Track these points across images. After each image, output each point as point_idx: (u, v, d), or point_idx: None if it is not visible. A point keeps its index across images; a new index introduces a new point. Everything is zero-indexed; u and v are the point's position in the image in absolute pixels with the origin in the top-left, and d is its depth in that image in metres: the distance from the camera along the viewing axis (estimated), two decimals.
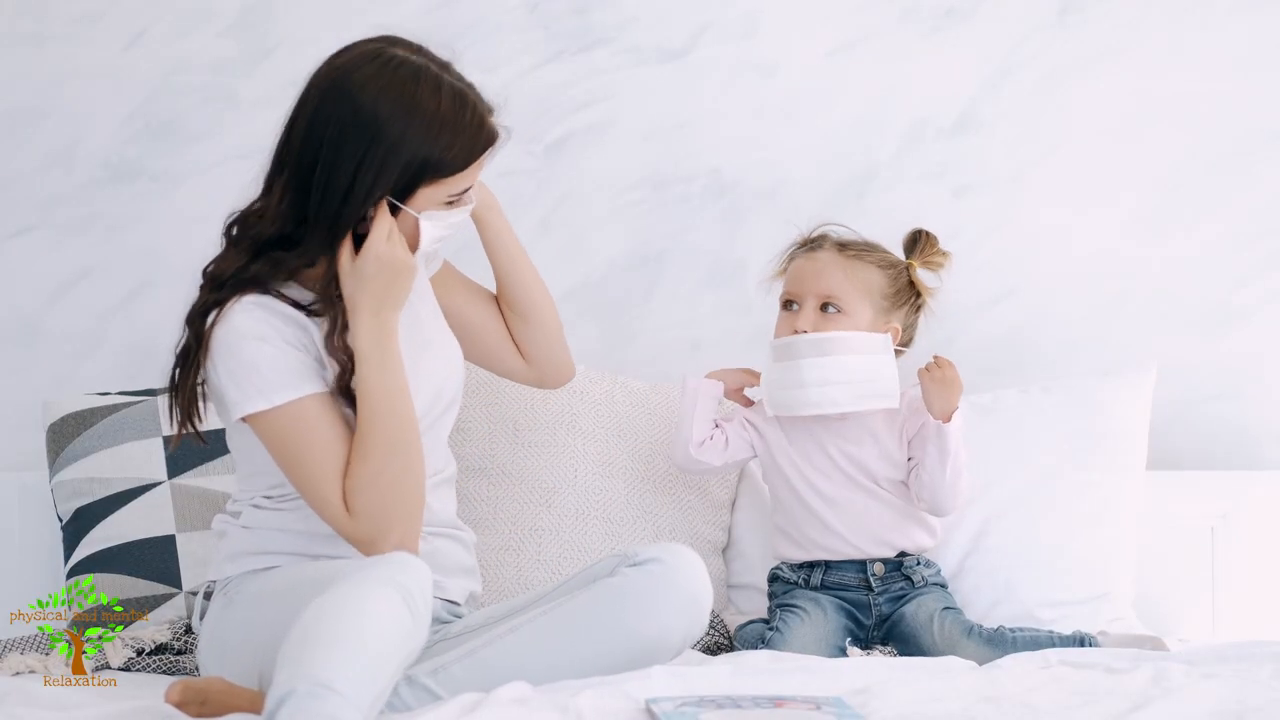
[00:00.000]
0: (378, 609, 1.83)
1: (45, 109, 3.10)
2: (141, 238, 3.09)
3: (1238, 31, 3.06)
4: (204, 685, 1.97)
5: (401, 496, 2.14)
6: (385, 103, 2.13)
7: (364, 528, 2.12)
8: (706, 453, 2.63)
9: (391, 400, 2.15)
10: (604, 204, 3.12)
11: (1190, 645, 2.54)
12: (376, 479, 2.12)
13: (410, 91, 2.15)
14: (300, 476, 2.14)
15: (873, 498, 2.58)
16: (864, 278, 2.57)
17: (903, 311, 2.60)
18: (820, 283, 2.57)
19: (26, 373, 3.06)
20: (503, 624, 2.11)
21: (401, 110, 2.13)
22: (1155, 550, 2.84)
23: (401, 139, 2.13)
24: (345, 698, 1.71)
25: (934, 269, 2.64)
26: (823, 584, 2.58)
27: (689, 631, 2.11)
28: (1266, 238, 3.05)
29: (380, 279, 2.15)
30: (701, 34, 3.12)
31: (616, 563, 2.13)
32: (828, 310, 2.56)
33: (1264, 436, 3.03)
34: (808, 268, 2.61)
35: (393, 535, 2.12)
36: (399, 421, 2.15)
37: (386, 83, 2.15)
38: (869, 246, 2.62)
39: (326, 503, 2.13)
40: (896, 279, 2.59)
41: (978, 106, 3.09)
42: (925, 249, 2.63)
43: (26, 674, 2.37)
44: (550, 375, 2.53)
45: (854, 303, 2.56)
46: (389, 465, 2.13)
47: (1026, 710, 1.85)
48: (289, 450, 2.14)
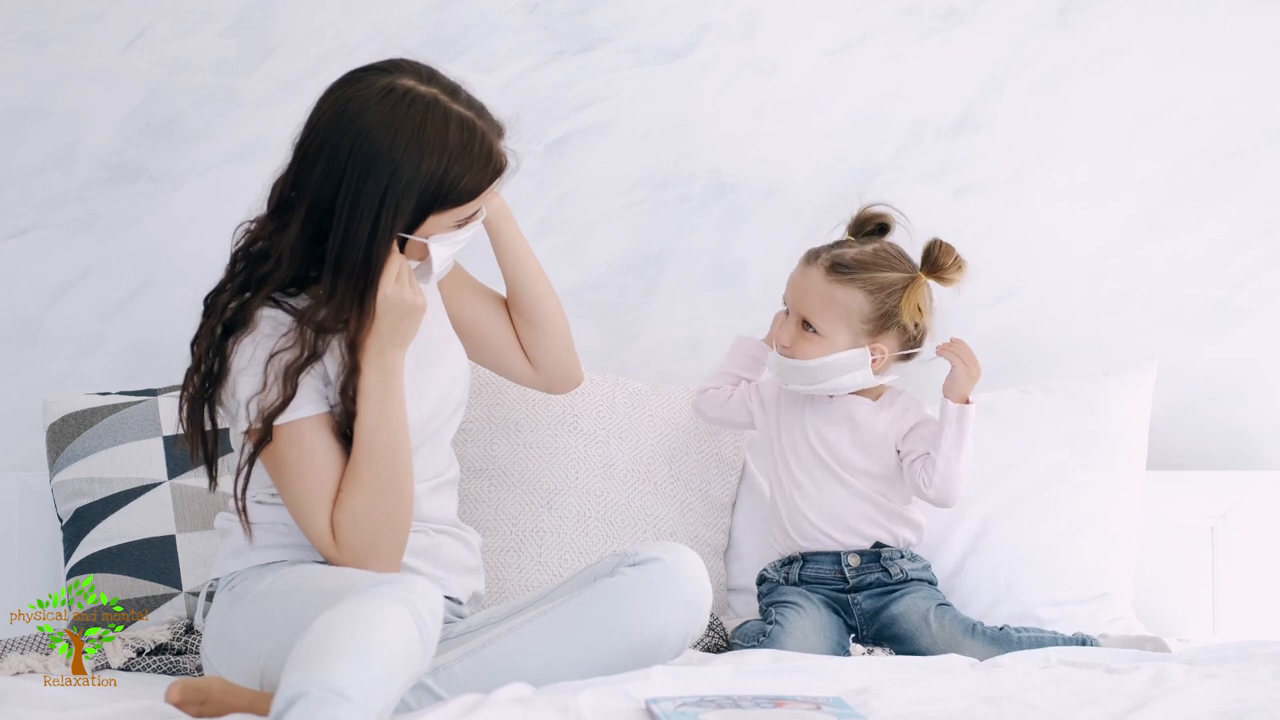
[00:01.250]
0: (390, 625, 1.84)
1: (45, 109, 3.09)
2: (141, 238, 3.09)
3: (1238, 31, 3.06)
4: (203, 685, 1.97)
5: (388, 533, 2.17)
6: (400, 142, 2.12)
7: (347, 558, 2.16)
8: (705, 400, 2.73)
9: (389, 438, 2.17)
10: (604, 204, 3.12)
11: (1190, 645, 2.54)
12: (367, 514, 2.16)
13: (421, 127, 2.13)
14: (291, 496, 2.17)
15: (842, 485, 2.59)
16: (844, 302, 2.55)
17: (893, 332, 2.57)
18: (801, 302, 2.59)
19: (26, 373, 3.06)
20: (503, 624, 2.11)
21: (415, 148, 2.13)
22: (1155, 550, 2.85)
23: (415, 175, 2.13)
24: (357, 706, 1.71)
25: (948, 283, 2.59)
26: (801, 578, 2.59)
27: (688, 631, 2.12)
28: (1266, 238, 3.05)
29: (387, 319, 2.16)
30: (701, 34, 3.12)
31: (616, 562, 2.14)
32: (806, 328, 2.57)
33: (1264, 436, 3.03)
34: (799, 281, 2.61)
35: (373, 565, 2.17)
36: (394, 460, 2.17)
37: (401, 121, 2.13)
38: (866, 264, 2.56)
39: (314, 526, 2.16)
40: (884, 302, 2.55)
41: (978, 106, 3.09)
42: (938, 262, 2.57)
43: (26, 674, 2.37)
44: (558, 381, 2.54)
45: (829, 326, 2.56)
46: (380, 503, 2.16)
47: (1026, 710, 1.85)
48: (283, 469, 2.17)
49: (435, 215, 2.17)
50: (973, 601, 2.68)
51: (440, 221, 2.19)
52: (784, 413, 2.65)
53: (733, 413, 2.71)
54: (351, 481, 2.16)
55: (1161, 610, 2.85)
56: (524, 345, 2.49)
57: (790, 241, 3.05)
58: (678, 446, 2.82)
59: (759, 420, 2.68)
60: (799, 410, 2.64)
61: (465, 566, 2.35)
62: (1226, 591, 2.86)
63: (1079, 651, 2.27)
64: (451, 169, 2.15)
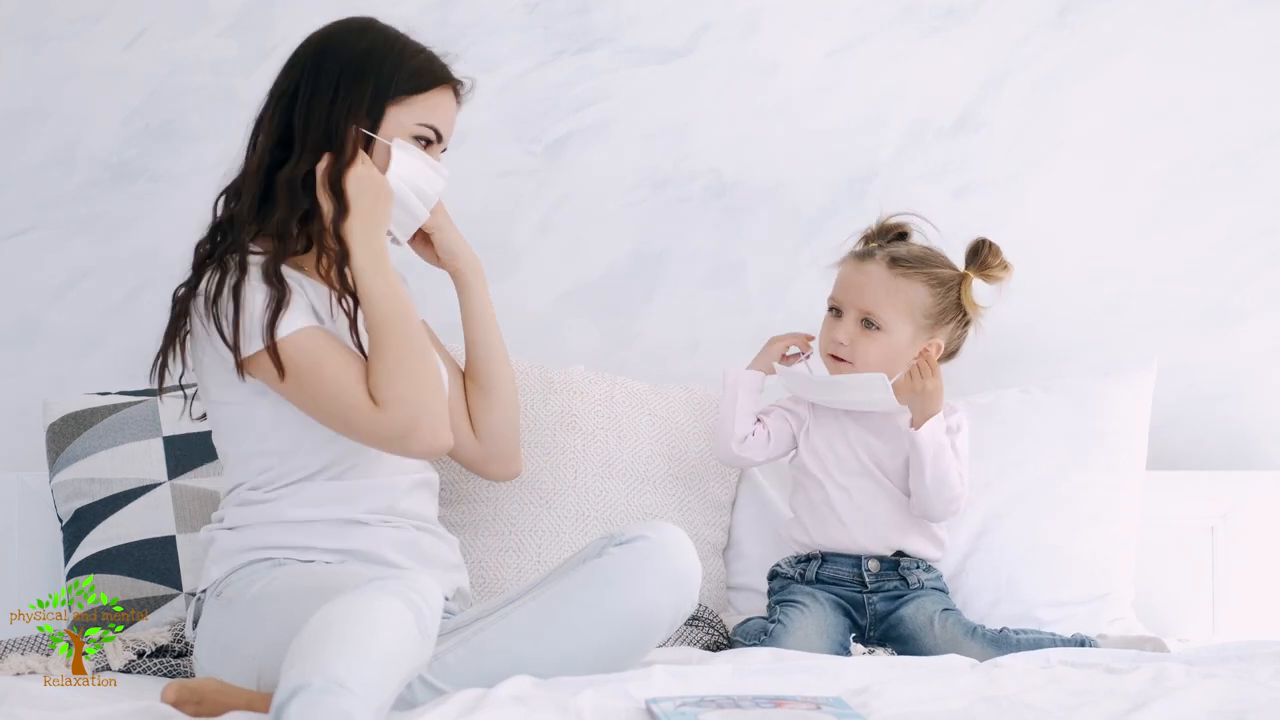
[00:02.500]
0: (389, 618, 1.84)
1: (45, 109, 3.10)
2: (141, 238, 3.09)
3: (1238, 31, 3.06)
4: (199, 685, 1.98)
5: (425, 383, 2.20)
6: (352, 37, 2.31)
7: (396, 416, 2.17)
8: (750, 449, 2.64)
9: (398, 305, 2.22)
10: (604, 204, 3.12)
11: (1190, 645, 2.54)
12: (400, 366, 2.19)
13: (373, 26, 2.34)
14: (323, 395, 2.19)
15: (881, 489, 2.59)
16: (908, 295, 2.56)
17: (949, 327, 2.59)
18: (863, 297, 2.57)
19: (26, 373, 3.06)
20: (495, 613, 2.13)
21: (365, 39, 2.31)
22: (1155, 550, 2.85)
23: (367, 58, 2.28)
24: (358, 697, 1.71)
25: (993, 281, 2.60)
26: (818, 578, 2.58)
27: (679, 606, 2.12)
28: (1266, 238, 3.05)
29: (364, 199, 2.24)
30: (701, 34, 3.12)
31: (604, 544, 2.15)
32: (868, 325, 2.56)
33: (1264, 436, 3.03)
34: (855, 278, 2.60)
35: (423, 425, 2.18)
36: (408, 323, 2.22)
37: (353, 25, 2.34)
38: (923, 259, 2.58)
39: (354, 409, 2.18)
40: (945, 296, 2.57)
41: (978, 106, 3.09)
42: (986, 261, 2.59)
43: (27, 674, 2.37)
44: (497, 460, 2.52)
45: (894, 320, 2.56)
46: (408, 354, 2.20)
47: (1026, 710, 1.85)
48: (305, 375, 2.19)
49: (393, 107, 2.28)
50: (974, 601, 2.68)
51: (399, 118, 2.29)
52: (822, 422, 2.64)
53: (779, 446, 2.66)
54: (376, 350, 2.20)
55: (1161, 610, 2.85)
56: (471, 412, 2.50)
57: (790, 241, 3.06)
58: (677, 446, 2.82)
59: (802, 442, 2.66)
60: (835, 416, 2.63)
61: (447, 563, 2.36)
62: (1226, 591, 2.86)
63: (1079, 651, 2.27)
64: (401, 56, 2.30)
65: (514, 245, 3.08)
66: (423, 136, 2.31)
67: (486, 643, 2.05)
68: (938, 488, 2.53)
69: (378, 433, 2.19)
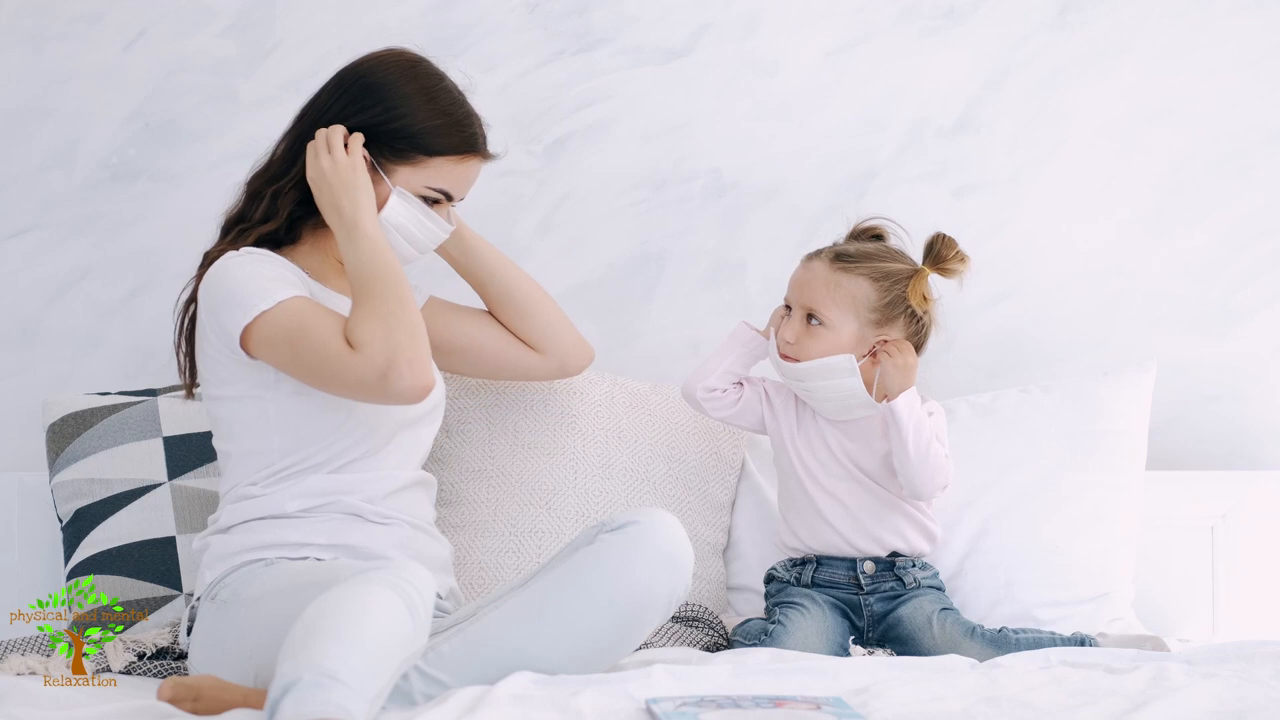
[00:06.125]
0: (381, 609, 1.85)
1: (45, 109, 3.10)
2: (141, 238, 3.09)
3: (1238, 31, 3.06)
4: (195, 683, 1.99)
5: (402, 322, 2.21)
6: (392, 71, 2.35)
7: (372, 354, 2.17)
8: (713, 402, 2.66)
9: (376, 262, 2.26)
10: (604, 204, 3.12)
11: (1190, 645, 2.54)
12: (377, 309, 2.20)
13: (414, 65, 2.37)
14: (307, 350, 2.21)
15: (867, 492, 2.59)
16: (849, 290, 2.55)
17: (899, 322, 2.57)
18: (805, 294, 2.58)
19: (26, 373, 3.06)
20: (491, 604, 2.14)
21: (405, 76, 2.35)
22: (1155, 550, 2.85)
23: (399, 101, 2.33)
24: (350, 688, 1.72)
25: (951, 275, 2.57)
26: (814, 581, 2.58)
27: (672, 590, 2.12)
28: (1266, 238, 3.05)
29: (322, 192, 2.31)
30: (701, 34, 3.12)
31: (596, 531, 2.16)
32: (811, 322, 2.57)
33: (1264, 436, 3.03)
34: (801, 276, 2.60)
35: (401, 360, 2.17)
36: (386, 272, 2.25)
37: (396, 59, 2.38)
38: (868, 255, 2.57)
39: (335, 356, 2.19)
40: (889, 290, 2.55)
41: (978, 106, 3.09)
42: (940, 254, 2.57)
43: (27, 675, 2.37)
44: (570, 359, 2.62)
45: (836, 316, 2.55)
46: (384, 300, 2.21)
47: (1026, 710, 1.85)
48: (294, 337, 2.22)
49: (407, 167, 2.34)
50: (973, 601, 2.68)
51: (411, 177, 2.34)
52: (801, 420, 2.64)
53: (742, 417, 2.67)
54: (355, 302, 2.24)
55: (1161, 610, 2.85)
56: (522, 336, 2.58)
57: (790, 241, 3.05)
58: (677, 446, 2.82)
59: (770, 425, 2.66)
60: (815, 422, 2.62)
61: (441, 563, 2.38)
62: (1226, 591, 2.86)
63: (1079, 651, 2.27)
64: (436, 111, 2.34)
65: (514, 245, 3.08)
66: (428, 197, 2.37)
67: (482, 631, 2.06)
68: (921, 459, 2.50)
69: (358, 376, 2.19)
